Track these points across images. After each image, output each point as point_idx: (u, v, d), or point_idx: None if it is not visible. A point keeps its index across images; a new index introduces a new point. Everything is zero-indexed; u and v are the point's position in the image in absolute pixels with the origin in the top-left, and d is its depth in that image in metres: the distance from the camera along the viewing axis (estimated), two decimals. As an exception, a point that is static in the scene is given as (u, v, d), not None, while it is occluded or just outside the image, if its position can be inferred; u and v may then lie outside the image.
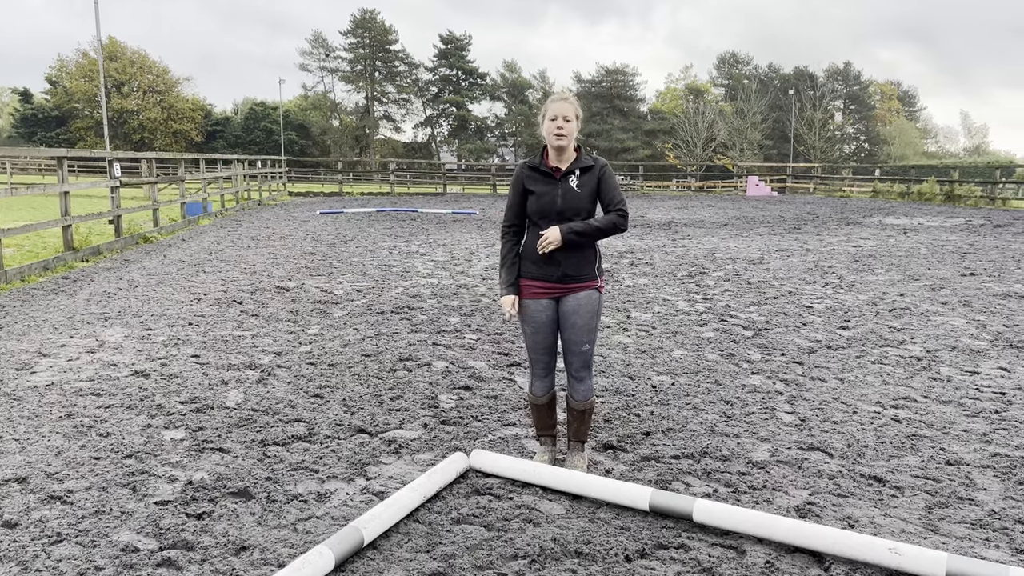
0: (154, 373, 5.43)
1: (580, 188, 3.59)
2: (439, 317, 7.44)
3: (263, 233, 15.77)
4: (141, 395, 4.93)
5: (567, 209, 3.57)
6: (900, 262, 11.69)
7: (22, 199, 24.44)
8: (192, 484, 3.61)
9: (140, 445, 4.09)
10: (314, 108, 78.99)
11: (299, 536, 3.15)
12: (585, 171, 3.62)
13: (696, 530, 3.25)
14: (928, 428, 4.49)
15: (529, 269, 3.67)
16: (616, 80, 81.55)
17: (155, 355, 5.93)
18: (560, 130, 3.52)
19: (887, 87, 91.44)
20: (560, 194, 3.58)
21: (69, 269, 10.28)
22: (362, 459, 3.97)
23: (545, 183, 3.61)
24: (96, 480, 3.64)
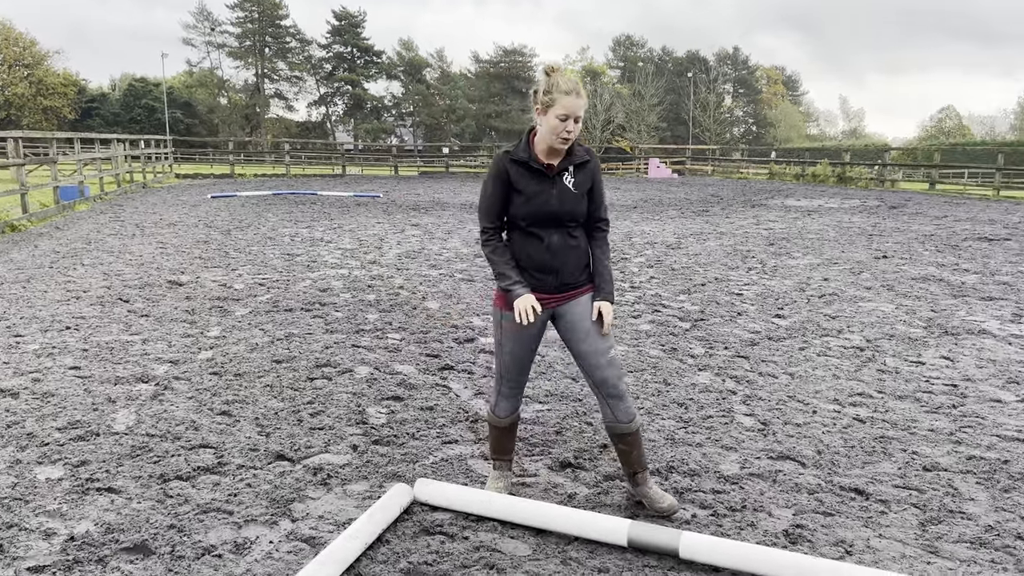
0: (24, 391, 4.61)
1: (576, 188, 3.07)
2: (355, 314, 6.81)
3: (149, 219, 14.53)
4: (8, 421, 4.13)
5: (564, 213, 3.05)
6: (814, 245, 11.77)
7: None
8: (74, 540, 2.93)
9: (7, 489, 3.35)
10: (200, 85, 75.05)
11: (215, 607, 2.56)
12: (580, 167, 3.09)
13: (683, 568, 2.85)
14: (893, 428, 4.26)
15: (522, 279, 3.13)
16: (514, 61, 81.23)
17: (25, 368, 5.07)
18: (569, 133, 2.96)
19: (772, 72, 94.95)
20: (556, 195, 3.03)
21: (-80, 264, 9.01)
22: (285, 494, 3.37)
23: (537, 182, 3.04)
24: (-53, 542, 2.91)
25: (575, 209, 3.06)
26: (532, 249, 3.08)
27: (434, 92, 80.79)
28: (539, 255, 3.08)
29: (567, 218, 3.06)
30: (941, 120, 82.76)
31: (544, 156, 3.05)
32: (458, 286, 8.19)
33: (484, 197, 3.12)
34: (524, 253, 3.10)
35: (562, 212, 3.04)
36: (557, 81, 2.94)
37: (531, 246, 3.08)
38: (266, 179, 31.43)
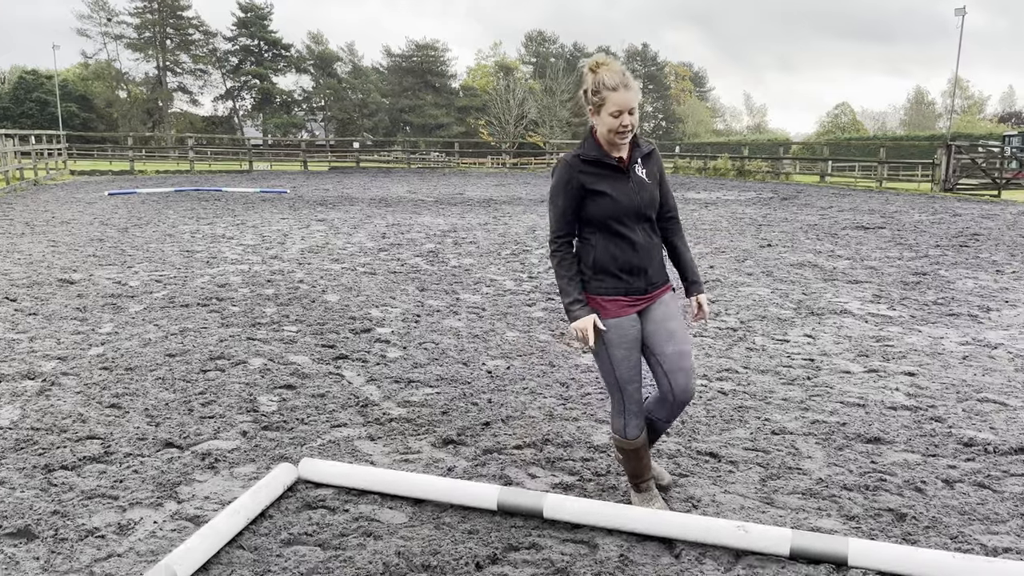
0: (-99, 391, 4.54)
1: (650, 179, 3.02)
2: (252, 308, 6.87)
3: (40, 217, 14.02)
4: None
5: (645, 206, 2.98)
6: (706, 235, 12.37)
7: None
8: (-46, 529, 2.99)
9: None
10: (97, 78, 71.99)
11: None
12: (647, 158, 3.05)
13: (546, 527, 3.11)
14: (752, 399, 4.66)
15: (610, 284, 3.00)
16: (427, 55, 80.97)
17: (-97, 369, 4.97)
18: (625, 128, 2.88)
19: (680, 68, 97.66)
20: (635, 188, 2.97)
21: None
22: (171, 478, 3.49)
23: (615, 179, 2.96)
24: None
25: (654, 199, 3.02)
26: (618, 250, 2.98)
27: (345, 86, 79.71)
28: (626, 255, 2.99)
29: (649, 210, 3.01)
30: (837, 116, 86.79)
31: (613, 151, 2.98)
32: (359, 279, 8.32)
33: (555, 205, 2.99)
34: (609, 256, 2.99)
35: (644, 204, 2.98)
36: (603, 78, 2.86)
37: (617, 247, 2.98)
38: (169, 176, 30.53)
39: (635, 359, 3.07)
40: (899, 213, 16.45)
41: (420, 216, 15.31)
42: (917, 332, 6.25)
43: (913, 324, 6.51)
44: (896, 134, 69.25)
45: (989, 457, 3.80)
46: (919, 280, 8.46)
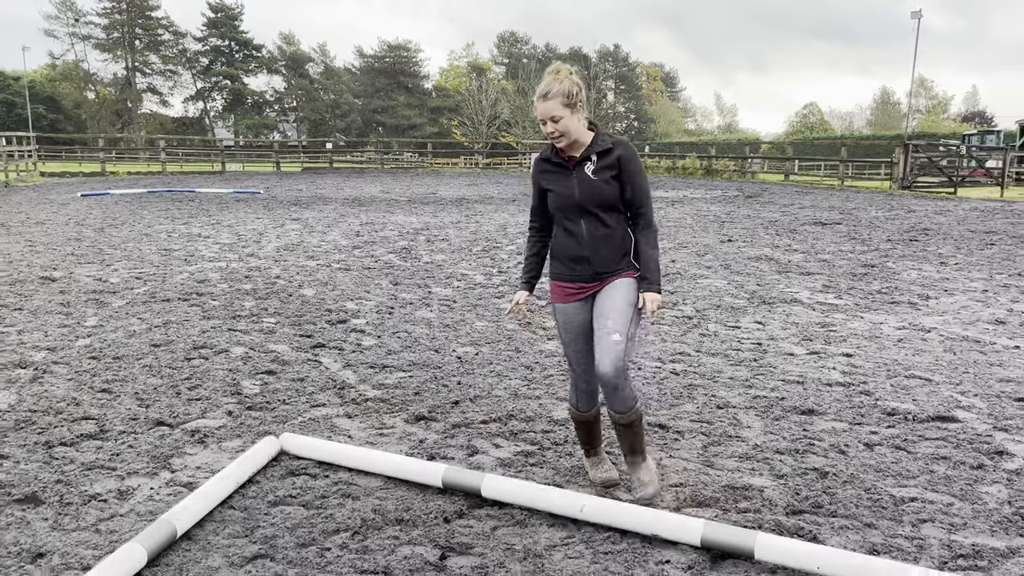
0: (-100, 380, 4.78)
1: (597, 175, 3.13)
2: (232, 302, 7.15)
3: (14, 218, 14.12)
4: None
5: (587, 201, 3.14)
6: (670, 231, 12.81)
7: None
8: (-33, 496, 3.28)
9: None
10: (64, 79, 71.17)
11: (103, 537, 2.98)
12: (603, 155, 3.15)
13: (486, 503, 3.45)
14: (701, 378, 5.05)
15: (559, 270, 3.28)
16: (399, 56, 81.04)
17: (-102, 360, 5.21)
18: (553, 134, 3.09)
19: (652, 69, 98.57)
20: (576, 184, 3.15)
21: None
22: (164, 452, 3.79)
23: (560, 176, 3.20)
24: None
25: (595, 195, 3.12)
26: (566, 240, 3.22)
27: (318, 87, 79.52)
28: (571, 246, 3.20)
29: (590, 205, 3.13)
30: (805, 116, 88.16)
31: (568, 151, 3.17)
32: (335, 275, 8.62)
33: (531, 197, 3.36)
34: (559, 245, 3.26)
35: (584, 199, 3.13)
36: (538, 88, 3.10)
37: (565, 238, 3.22)
38: (141, 177, 30.46)
39: (580, 346, 3.29)
40: (857, 210, 17.05)
41: (393, 215, 15.59)
42: (859, 318, 6.69)
43: (856, 311, 6.96)
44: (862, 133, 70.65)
45: (908, 424, 4.23)
46: (867, 272, 8.94)
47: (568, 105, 3.04)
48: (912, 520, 3.17)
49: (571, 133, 3.09)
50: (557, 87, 3.03)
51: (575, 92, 3.05)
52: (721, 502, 3.33)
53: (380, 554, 2.89)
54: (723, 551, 2.88)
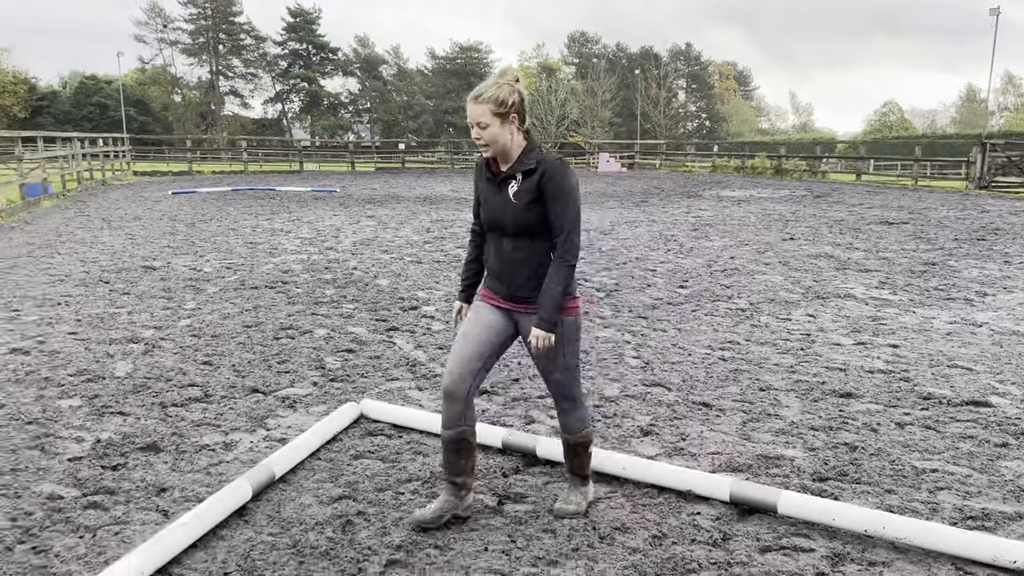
0: (33, 350, 5.49)
1: (517, 197, 2.89)
2: (314, 290, 7.75)
3: (115, 214, 15.21)
4: (26, 370, 5.02)
5: (504, 223, 2.94)
6: (733, 229, 12.99)
7: None
8: (100, 442, 3.87)
9: (38, 413, 4.26)
10: (153, 83, 74.58)
11: (213, 478, 3.52)
12: (527, 175, 2.89)
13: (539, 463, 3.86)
14: (747, 364, 5.36)
15: (486, 280, 3.16)
16: (470, 57, 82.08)
17: (29, 334, 5.93)
18: (479, 140, 2.88)
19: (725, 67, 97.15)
20: (500, 203, 2.95)
21: (-94, 254, 9.70)
22: (260, 414, 4.34)
23: (488, 189, 3.01)
24: (2, 445, 3.82)
25: (515, 220, 2.90)
26: (489, 253, 3.09)
27: (391, 88, 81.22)
28: (492, 261, 3.07)
29: (508, 227, 2.94)
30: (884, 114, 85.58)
31: (497, 163, 2.98)
32: (407, 267, 9.17)
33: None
34: (486, 256, 3.13)
35: (502, 221, 2.94)
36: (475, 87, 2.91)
37: (489, 250, 3.09)
38: (224, 176, 31.94)
39: (476, 331, 3.06)
40: (928, 210, 16.81)
41: (462, 213, 16.14)
42: (911, 313, 6.85)
43: (910, 307, 7.11)
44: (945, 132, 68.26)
45: (941, 407, 4.46)
46: (926, 269, 9.01)
47: (499, 114, 2.82)
48: (930, 487, 3.45)
49: (498, 144, 2.87)
50: (492, 92, 2.82)
51: (511, 102, 2.83)
52: (753, 468, 3.67)
53: (446, 498, 3.34)
54: (749, 506, 3.23)
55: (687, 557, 2.87)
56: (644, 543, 2.97)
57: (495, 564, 2.82)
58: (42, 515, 3.12)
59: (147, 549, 2.71)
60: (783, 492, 3.20)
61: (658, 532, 3.06)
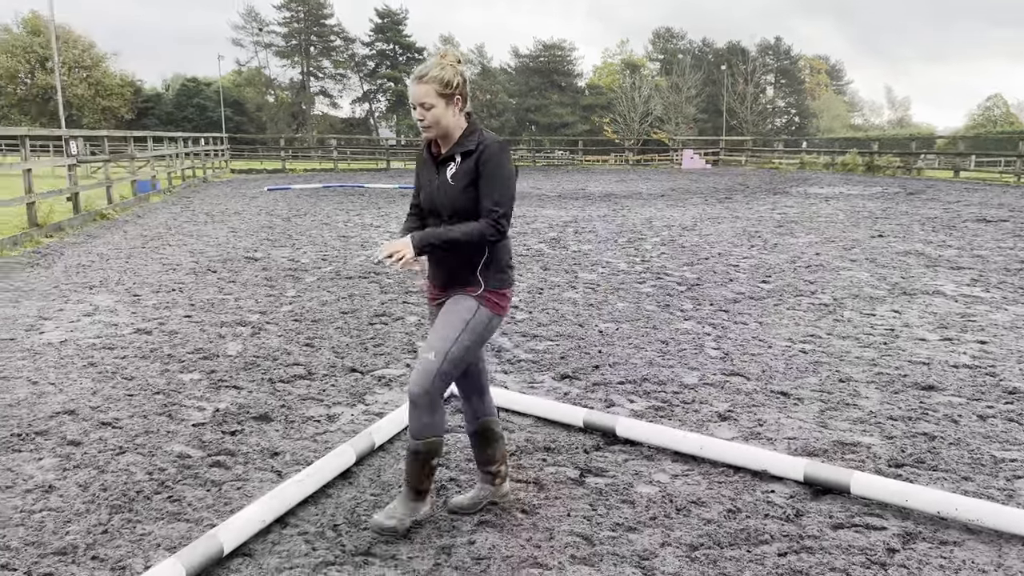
0: (155, 330, 6.01)
1: (455, 179, 2.81)
2: (404, 280, 8.12)
3: (216, 209, 16.09)
4: (150, 348, 5.52)
5: (441, 207, 2.85)
6: (819, 226, 12.80)
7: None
8: (219, 411, 4.28)
9: (164, 385, 4.71)
10: (248, 84, 77.59)
11: (319, 444, 3.86)
12: (466, 156, 2.82)
13: (617, 442, 4.05)
14: (828, 357, 5.41)
15: (428, 273, 3.05)
16: (554, 55, 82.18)
17: (150, 316, 6.48)
18: (422, 121, 2.79)
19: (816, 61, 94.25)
20: (438, 186, 2.86)
21: (37, 244, 10.58)
22: (359, 390, 4.68)
23: (427, 172, 2.93)
24: (135, 411, 4.27)
25: (451, 203, 2.81)
26: None
27: (474, 87, 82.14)
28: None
29: (445, 212, 2.84)
30: (988, 109, 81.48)
31: (439, 145, 2.90)
32: (491, 260, 9.46)
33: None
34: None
35: (439, 205, 2.86)
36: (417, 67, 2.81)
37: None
38: (315, 173, 33.12)
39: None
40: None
41: (543, 209, 16.39)
42: (1003, 311, 6.72)
43: (1002, 304, 6.96)
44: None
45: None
46: (1023, 267, 8.74)
47: (444, 95, 2.76)
48: (1008, 475, 3.49)
49: (440, 125, 2.79)
50: (436, 72, 2.75)
51: (456, 83, 2.77)
52: (828, 453, 3.78)
53: (531, 470, 3.59)
54: (823, 487, 3.35)
55: (760, 529, 3.03)
56: (718, 515, 3.14)
57: (577, 528, 3.05)
58: (174, 471, 3.52)
59: (266, 501, 3.05)
60: (855, 472, 3.32)
61: (732, 507, 3.22)
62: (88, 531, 2.99)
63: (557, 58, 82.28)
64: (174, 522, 3.07)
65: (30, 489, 3.34)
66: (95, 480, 3.43)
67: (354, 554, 2.85)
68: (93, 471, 3.51)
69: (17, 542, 2.91)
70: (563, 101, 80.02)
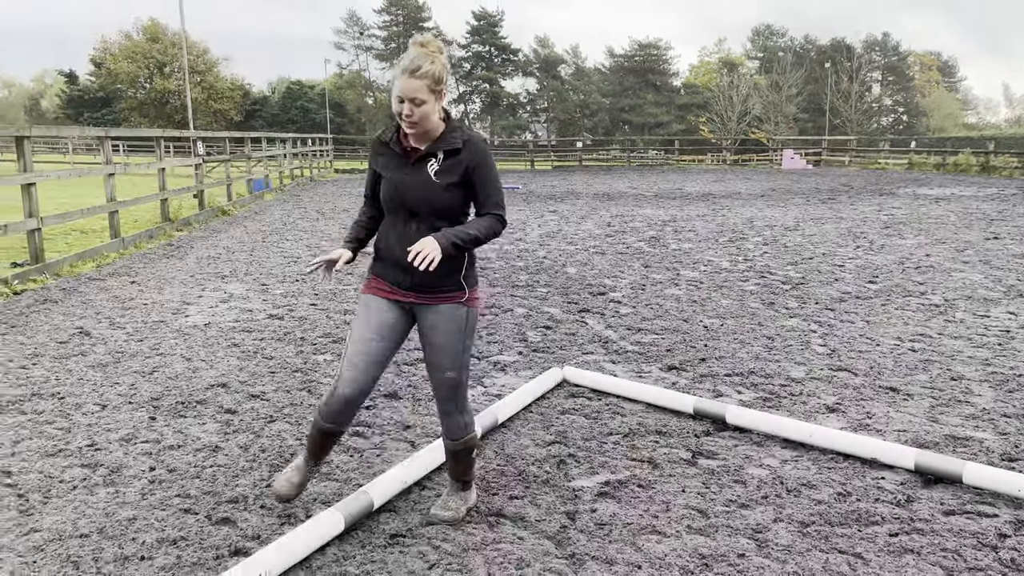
0: (286, 316, 6.51)
1: (439, 177, 2.74)
2: (510, 275, 8.44)
3: (326, 206, 16.89)
4: (284, 332, 6.01)
5: (419, 204, 2.74)
6: (929, 228, 12.45)
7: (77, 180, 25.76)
8: (352, 389, 4.66)
9: (301, 364, 5.16)
10: (349, 86, 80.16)
11: (446, 421, 4.18)
12: (450, 154, 2.76)
13: (726, 429, 4.21)
14: (939, 356, 5.39)
15: (376, 267, 2.91)
16: (649, 54, 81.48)
17: (280, 304, 7.01)
18: (410, 117, 2.67)
19: (926, 58, 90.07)
20: (412, 183, 2.74)
21: (169, 238, 11.46)
22: (477, 374, 4.99)
23: (396, 167, 2.79)
24: (279, 386, 4.71)
25: (430, 199, 2.73)
26: (386, 237, 2.83)
27: (568, 88, 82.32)
28: (389, 244, 2.81)
29: (424, 210, 2.74)
30: (1121, 105, 76.05)
31: (413, 139, 2.78)
32: (591, 258, 9.68)
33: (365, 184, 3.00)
34: (382, 237, 2.87)
35: (417, 202, 2.73)
36: (402, 57, 2.68)
37: (387, 233, 2.83)
38: (413, 173, 34.04)
39: (367, 348, 2.84)
40: None
41: (641, 208, 16.46)
42: None
43: None
44: None
45: None
46: None
47: (434, 91, 2.68)
48: None
49: (428, 121, 2.72)
50: (428, 67, 2.64)
51: (444, 78, 2.70)
52: (940, 446, 3.84)
53: (645, 450, 3.80)
54: (934, 476, 3.44)
55: (870, 511, 3.16)
56: (829, 497, 3.29)
57: (691, 502, 3.25)
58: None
59: (406, 466, 3.38)
60: (968, 463, 3.39)
61: (843, 490, 3.35)
62: (254, 484, 3.39)
63: (652, 57, 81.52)
64: (325, 481, 3.43)
65: (199, 448, 3.79)
66: (253, 443, 3.85)
67: (487, 515, 3.14)
68: (250, 435, 3.94)
69: (195, 491, 3.33)
70: (658, 100, 79.24)
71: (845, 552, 2.86)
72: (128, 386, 4.73)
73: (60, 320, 6.41)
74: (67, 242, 10.97)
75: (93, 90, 71.52)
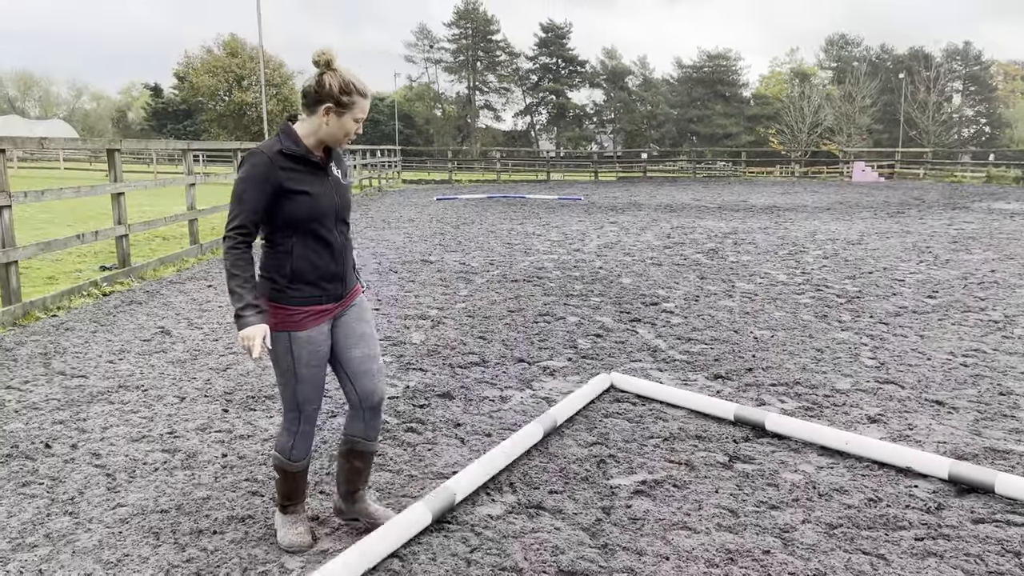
0: (350, 320, 6.86)
1: (346, 179, 2.94)
2: (565, 284, 8.65)
3: (392, 216, 17.39)
4: (347, 334, 6.35)
5: (342, 208, 2.86)
6: (999, 243, 12.14)
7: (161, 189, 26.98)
8: (409, 388, 4.95)
9: (361, 365, 5.47)
10: (418, 99, 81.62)
11: (495, 420, 4.42)
12: (338, 158, 2.94)
13: (765, 435, 4.32)
14: (991, 371, 5.38)
15: (308, 293, 2.79)
16: (718, 65, 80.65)
17: (344, 308, 7.37)
18: (357, 134, 2.84)
19: (1010, 67, 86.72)
20: (334, 189, 2.83)
21: (244, 244, 12.04)
22: (527, 378, 5.22)
23: (316, 178, 2.77)
24: (341, 384, 5.03)
25: (348, 202, 2.90)
26: (317, 256, 2.77)
27: (635, 99, 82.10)
28: (325, 261, 2.79)
29: (345, 212, 2.87)
30: None
31: (316, 149, 2.80)
32: (648, 269, 9.81)
33: (240, 200, 2.66)
34: (309, 263, 2.76)
35: (341, 206, 2.84)
36: (352, 81, 2.72)
37: (316, 253, 2.77)
38: (479, 184, 34.55)
39: (320, 380, 2.91)
40: None
41: (703, 220, 16.45)
42: None
43: None
44: None
45: None
46: None
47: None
48: None
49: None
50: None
51: None
52: (979, 458, 3.89)
53: (683, 453, 3.97)
54: (968, 485, 3.51)
55: (899, 517, 3.26)
56: (859, 502, 3.40)
57: (723, 502, 3.41)
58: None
59: (477, 466, 3.60)
60: (1000, 473, 3.45)
61: (874, 496, 3.46)
62: (315, 472, 3.69)
63: (722, 68, 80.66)
64: (379, 471, 3.71)
65: (266, 439, 4.12)
66: (315, 435, 4.16)
67: (527, 506, 3.36)
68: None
69: (262, 476, 3.65)
70: (727, 112, 78.31)
71: (869, 553, 2.98)
72: (204, 381, 5.12)
73: (144, 320, 6.91)
74: (151, 247, 11.66)
75: (176, 103, 74.64)
